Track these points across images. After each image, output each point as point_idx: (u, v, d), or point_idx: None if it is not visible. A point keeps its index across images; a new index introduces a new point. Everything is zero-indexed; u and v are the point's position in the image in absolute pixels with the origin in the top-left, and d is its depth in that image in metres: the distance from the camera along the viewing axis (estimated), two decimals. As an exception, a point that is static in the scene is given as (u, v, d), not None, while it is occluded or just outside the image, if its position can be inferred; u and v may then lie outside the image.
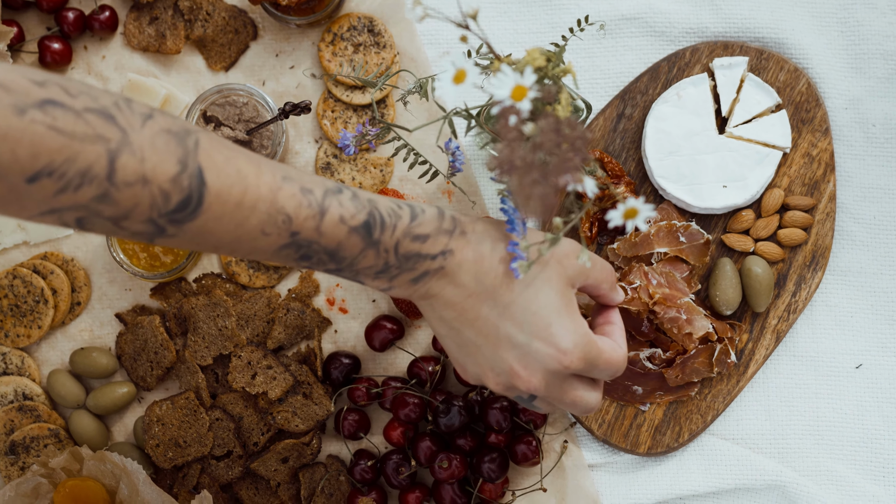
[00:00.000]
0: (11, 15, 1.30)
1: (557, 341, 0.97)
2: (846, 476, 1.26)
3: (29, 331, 1.27)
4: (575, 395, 1.01)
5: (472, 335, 0.99)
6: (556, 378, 0.99)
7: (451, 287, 0.98)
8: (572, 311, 0.99)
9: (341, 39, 1.28)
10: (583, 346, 0.98)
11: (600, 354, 1.00)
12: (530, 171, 0.86)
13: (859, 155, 1.27)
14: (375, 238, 0.95)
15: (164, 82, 1.30)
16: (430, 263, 0.97)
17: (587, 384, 1.02)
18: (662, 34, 1.28)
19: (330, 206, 0.93)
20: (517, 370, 0.98)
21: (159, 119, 0.87)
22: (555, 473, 1.27)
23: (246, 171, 0.90)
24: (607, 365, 1.01)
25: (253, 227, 0.90)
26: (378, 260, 0.96)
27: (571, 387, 1.01)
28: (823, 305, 1.28)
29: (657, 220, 1.24)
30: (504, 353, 0.98)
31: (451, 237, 0.98)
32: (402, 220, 0.96)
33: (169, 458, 1.25)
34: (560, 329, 0.97)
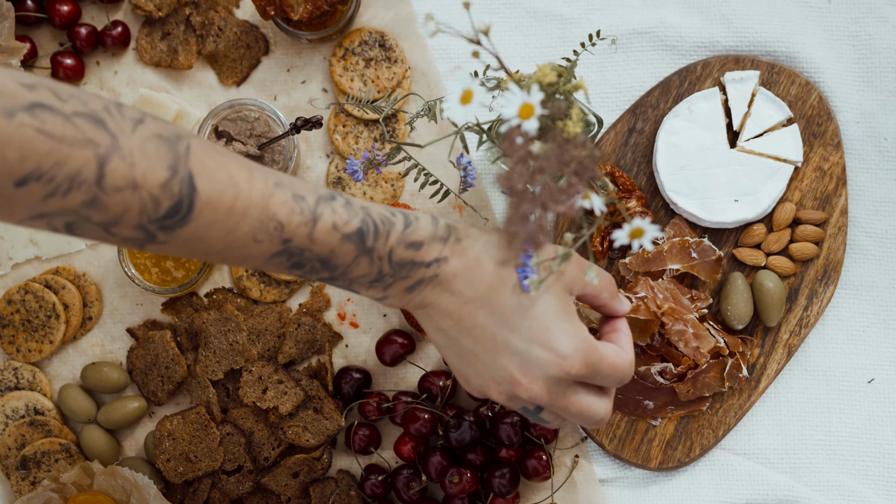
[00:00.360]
0: (24, 31, 1.31)
1: (556, 346, 0.95)
2: (858, 491, 1.25)
3: (40, 345, 1.28)
4: (581, 405, 0.99)
5: (471, 344, 0.98)
6: (558, 385, 0.97)
7: (446, 295, 0.97)
8: (571, 316, 0.97)
9: (353, 54, 1.29)
10: (583, 350, 0.96)
11: (603, 359, 0.97)
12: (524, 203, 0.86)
13: (871, 169, 1.26)
14: (369, 246, 0.94)
15: (175, 97, 1.30)
16: (425, 271, 0.96)
17: (594, 393, 1.00)
18: (673, 48, 1.28)
19: (323, 213, 0.92)
20: (518, 377, 0.96)
21: (150, 124, 0.86)
22: (566, 488, 1.27)
23: (238, 177, 0.89)
24: (611, 369, 0.98)
25: (244, 233, 0.90)
26: (371, 268, 0.95)
27: (576, 395, 0.98)
28: (835, 320, 1.27)
29: (670, 236, 1.24)
30: (503, 360, 0.96)
31: (445, 244, 0.96)
32: (395, 228, 0.95)
33: (180, 472, 1.25)
34: (559, 333, 0.96)
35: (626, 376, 1.00)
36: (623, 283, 1.25)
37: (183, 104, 1.29)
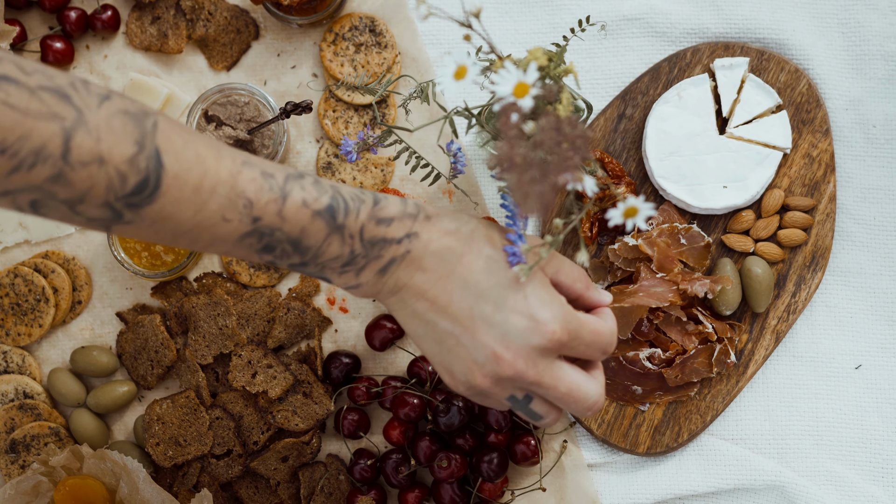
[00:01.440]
0: (14, 14, 1.30)
1: (534, 312, 0.94)
2: (845, 476, 1.26)
3: (30, 329, 1.28)
4: (570, 382, 0.97)
5: (449, 325, 0.96)
6: (542, 357, 0.95)
7: (419, 273, 0.96)
8: (547, 286, 0.97)
9: (343, 39, 1.28)
10: (562, 315, 0.95)
11: (584, 324, 0.96)
12: (529, 169, 0.86)
13: (860, 156, 1.27)
14: (339, 222, 0.93)
15: (165, 82, 1.30)
16: (397, 248, 0.95)
17: (582, 372, 0.99)
18: (663, 35, 1.28)
19: (292, 190, 0.92)
20: (500, 353, 0.94)
21: (116, 100, 0.85)
22: (554, 473, 1.27)
23: (205, 155, 0.88)
24: (593, 335, 0.97)
25: (213, 212, 0.89)
26: (343, 248, 0.94)
27: (563, 371, 0.97)
28: (823, 306, 1.28)
29: (660, 222, 1.25)
30: (483, 337, 0.95)
31: (415, 221, 0.96)
32: (365, 204, 0.94)
33: (169, 456, 1.25)
34: (536, 301, 0.95)
35: (610, 344, 0.99)
36: (612, 269, 1.25)
37: (173, 88, 1.29)
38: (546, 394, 0.98)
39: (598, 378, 1.00)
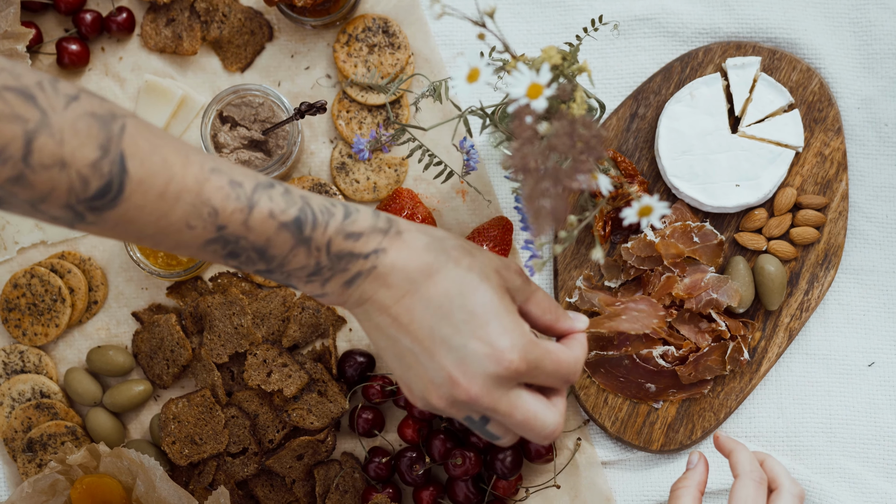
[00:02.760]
0: (30, 17, 1.31)
1: (494, 340, 0.92)
2: (859, 473, 1.26)
3: (46, 329, 1.28)
4: (527, 411, 0.95)
5: (409, 342, 0.94)
6: (499, 386, 0.93)
7: (384, 289, 0.94)
8: (511, 312, 0.94)
9: (356, 40, 1.29)
10: (523, 345, 0.93)
11: (546, 354, 0.94)
12: (541, 180, 0.86)
13: (872, 154, 1.27)
14: (306, 235, 0.91)
15: (180, 83, 1.31)
16: (363, 263, 0.93)
17: (541, 400, 0.96)
18: (675, 35, 1.28)
19: (259, 201, 0.90)
20: (456, 377, 0.92)
21: (85, 101, 0.84)
22: (568, 471, 1.27)
23: (172, 161, 0.87)
24: (555, 365, 0.95)
25: (177, 218, 0.88)
26: (309, 259, 0.93)
27: (520, 399, 0.95)
28: (836, 304, 1.28)
29: (672, 220, 1.25)
30: (441, 359, 0.93)
31: (385, 236, 0.94)
32: (334, 218, 0.93)
33: (185, 455, 1.26)
34: (497, 328, 0.92)
35: (572, 374, 0.97)
36: (625, 267, 1.25)
37: (187, 90, 1.30)
38: (502, 420, 0.96)
39: (557, 406, 0.98)
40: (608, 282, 1.26)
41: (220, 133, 1.24)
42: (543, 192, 0.86)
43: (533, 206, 0.86)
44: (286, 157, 1.23)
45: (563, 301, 1.27)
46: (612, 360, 1.25)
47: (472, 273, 0.94)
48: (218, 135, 1.24)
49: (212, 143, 1.23)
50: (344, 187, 1.29)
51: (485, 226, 1.26)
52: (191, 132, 1.31)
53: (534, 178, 0.86)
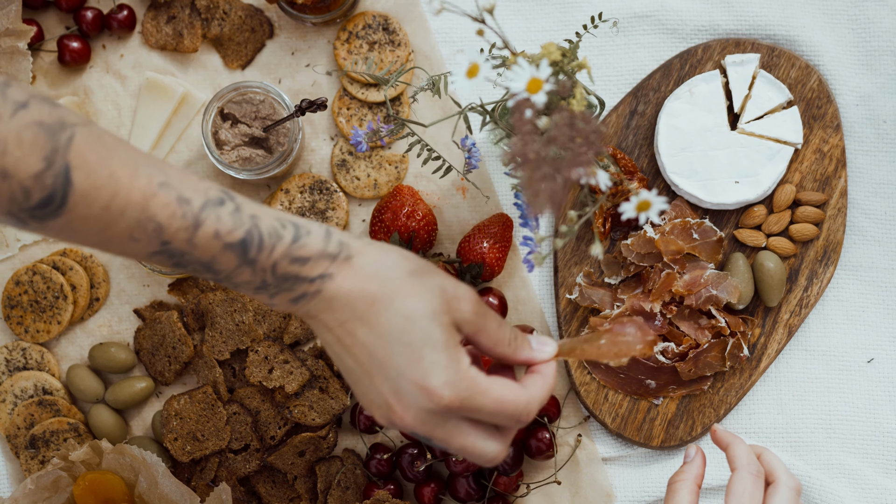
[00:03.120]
0: (31, 14, 1.32)
1: (426, 376, 0.90)
2: (858, 469, 1.27)
3: (48, 326, 1.29)
4: (465, 442, 0.93)
5: (351, 362, 0.94)
6: (434, 417, 0.92)
7: (328, 312, 0.93)
8: (451, 347, 0.91)
9: (356, 38, 1.30)
10: (456, 383, 0.90)
11: (483, 394, 0.92)
12: (541, 166, 0.87)
13: (870, 151, 1.28)
14: (251, 257, 0.90)
15: (181, 80, 1.31)
16: (308, 286, 0.92)
17: (483, 430, 0.94)
18: (675, 32, 1.29)
19: (206, 220, 0.89)
20: (392, 404, 0.92)
21: (34, 109, 0.83)
22: (569, 467, 1.28)
23: (119, 174, 0.86)
24: (496, 405, 0.92)
25: (121, 231, 0.87)
26: (255, 277, 0.91)
27: (458, 429, 0.93)
28: (835, 300, 1.29)
29: (672, 217, 1.25)
30: (379, 384, 0.92)
31: (333, 262, 0.92)
32: (282, 241, 0.91)
33: (187, 451, 1.26)
34: (431, 364, 0.90)
35: (519, 415, 0.94)
36: (625, 264, 1.26)
37: (188, 87, 1.31)
38: (438, 444, 0.95)
39: (502, 437, 0.96)
40: (608, 278, 1.27)
41: (221, 130, 1.24)
42: (543, 177, 0.86)
43: (531, 188, 0.86)
44: (287, 155, 1.23)
45: (563, 298, 1.27)
46: (612, 356, 1.26)
47: (415, 305, 0.91)
48: (219, 132, 1.24)
49: (213, 141, 1.24)
50: (344, 184, 1.30)
51: (485, 222, 1.26)
52: (192, 129, 1.31)
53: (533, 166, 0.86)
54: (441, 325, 0.92)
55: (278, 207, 1.29)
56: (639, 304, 1.24)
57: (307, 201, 1.29)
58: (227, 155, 1.24)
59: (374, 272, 0.93)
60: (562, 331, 1.27)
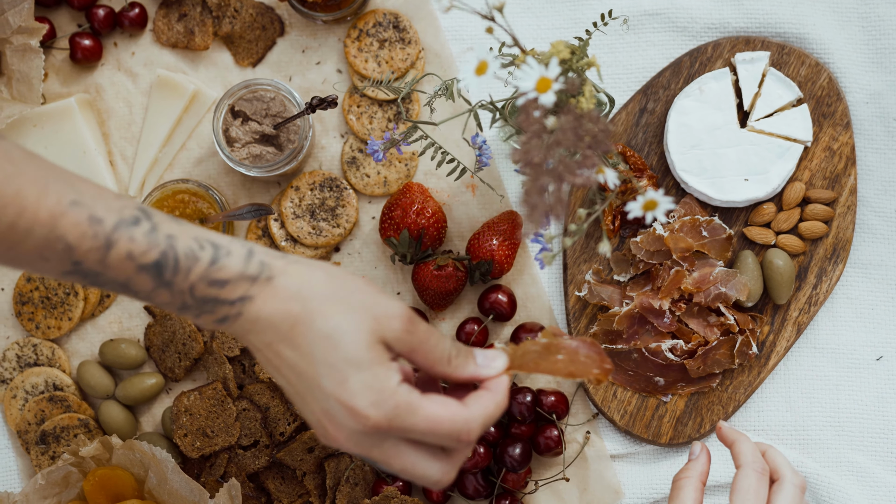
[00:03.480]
0: (43, 12, 1.32)
1: (352, 397, 0.87)
2: (866, 467, 1.27)
3: (59, 322, 1.29)
4: (404, 463, 0.90)
5: (284, 383, 0.92)
6: (368, 438, 0.89)
7: (253, 335, 0.90)
8: (377, 364, 0.88)
9: (367, 35, 1.30)
10: (382, 403, 0.87)
11: (415, 413, 0.88)
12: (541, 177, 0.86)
13: (880, 149, 1.28)
14: (167, 279, 0.87)
15: (192, 78, 1.32)
16: (229, 309, 0.89)
17: (425, 452, 0.91)
18: (684, 29, 1.29)
19: (119, 240, 0.86)
20: (325, 425, 0.90)
21: None
22: (577, 464, 1.28)
23: (27, 192, 0.84)
24: (430, 425, 0.89)
25: (29, 250, 0.85)
26: (174, 299, 0.89)
27: (397, 452, 0.90)
28: (844, 298, 1.29)
29: (681, 215, 1.26)
30: (311, 404, 0.90)
31: (253, 284, 0.89)
32: (199, 263, 0.88)
33: (196, 447, 1.27)
34: (357, 385, 0.87)
35: (458, 434, 0.90)
36: (634, 261, 1.26)
37: (199, 85, 1.31)
38: (379, 466, 0.93)
39: (445, 462, 0.92)
40: (617, 276, 1.27)
41: (232, 127, 1.25)
42: (541, 189, 0.86)
43: (530, 201, 0.86)
44: (297, 152, 1.24)
45: (572, 295, 1.27)
46: (622, 353, 1.26)
47: (337, 324, 0.89)
48: (230, 129, 1.25)
49: (223, 138, 1.24)
50: (354, 182, 1.30)
51: (494, 220, 1.27)
52: (203, 127, 1.31)
53: (535, 174, 0.86)
54: (366, 344, 0.88)
55: (288, 204, 1.29)
56: (648, 301, 1.24)
57: (317, 198, 1.29)
58: (238, 152, 1.25)
59: (295, 292, 0.89)
60: (570, 328, 1.28)
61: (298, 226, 1.29)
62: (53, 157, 1.29)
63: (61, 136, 1.29)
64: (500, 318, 1.28)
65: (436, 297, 1.27)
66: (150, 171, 1.32)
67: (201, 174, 1.32)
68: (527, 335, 1.27)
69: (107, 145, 1.32)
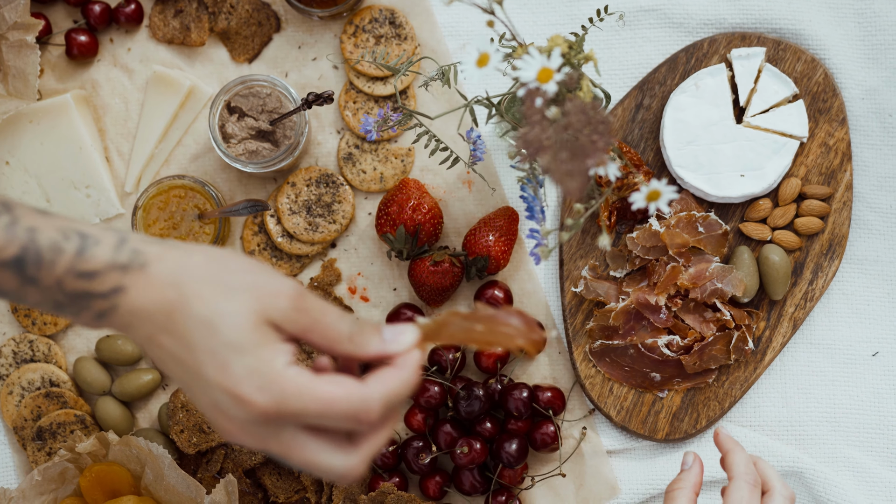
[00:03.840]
0: (39, 8, 1.32)
1: (236, 384, 0.81)
2: (862, 462, 1.27)
3: (55, 318, 1.29)
4: (305, 455, 0.84)
5: (171, 375, 0.86)
6: (262, 429, 0.83)
7: (132, 329, 0.85)
8: (260, 346, 0.82)
9: (363, 31, 1.30)
10: (268, 387, 0.81)
11: (306, 394, 0.81)
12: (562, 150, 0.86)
13: (876, 145, 1.28)
14: (30, 275, 0.82)
15: (188, 74, 1.32)
16: (103, 303, 0.83)
17: (328, 441, 0.84)
18: (680, 25, 1.29)
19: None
20: (216, 418, 0.84)
21: None
22: (574, 459, 1.28)
23: None
24: (323, 406, 0.82)
25: None
26: (45, 297, 0.83)
27: (297, 442, 0.84)
28: (840, 293, 1.29)
29: (677, 210, 1.26)
30: (200, 398, 0.84)
31: (125, 273, 0.83)
32: (64, 255, 0.82)
33: (193, 443, 1.27)
34: (240, 370, 0.81)
35: (356, 414, 0.83)
36: (630, 257, 1.26)
37: (195, 81, 1.31)
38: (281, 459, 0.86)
39: (352, 452, 0.85)
40: (613, 271, 1.27)
41: (228, 123, 1.25)
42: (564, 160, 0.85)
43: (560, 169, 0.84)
44: (293, 148, 1.24)
45: (568, 291, 1.28)
46: (618, 349, 1.26)
47: (216, 307, 0.83)
48: (226, 125, 1.25)
49: (220, 134, 1.24)
50: (351, 177, 1.30)
51: (491, 215, 1.27)
52: (199, 123, 1.31)
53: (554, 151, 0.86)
54: (249, 326, 0.82)
55: (284, 200, 1.29)
56: (644, 297, 1.24)
57: (313, 194, 1.29)
58: (234, 148, 1.25)
59: (171, 279, 0.84)
60: (567, 324, 1.28)
61: (295, 222, 1.29)
62: (49, 153, 1.29)
63: (57, 133, 1.29)
64: (497, 313, 1.28)
65: (432, 293, 1.27)
66: (146, 167, 1.32)
67: (197, 170, 1.31)
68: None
69: (103, 141, 1.32)
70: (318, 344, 0.85)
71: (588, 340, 1.27)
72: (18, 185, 1.29)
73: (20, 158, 1.29)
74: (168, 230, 1.26)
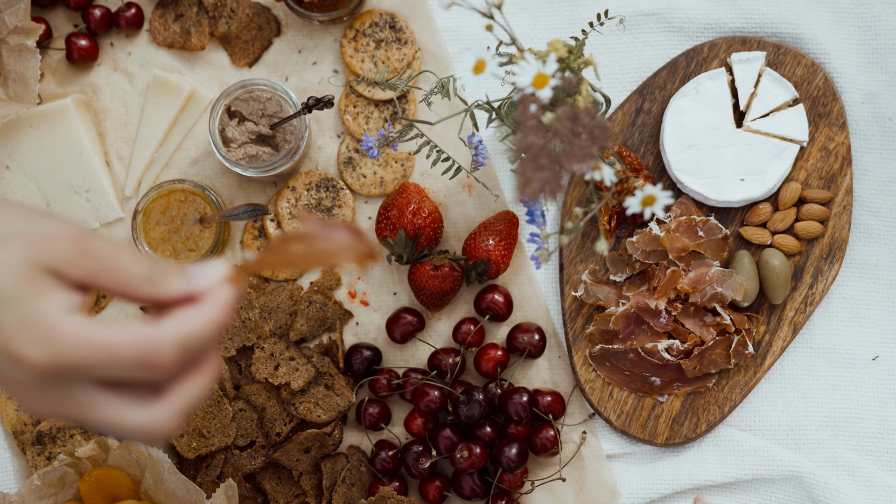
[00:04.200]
0: (39, 12, 1.32)
1: (8, 342, 0.73)
2: (862, 467, 1.27)
3: (55, 322, 1.29)
4: (104, 414, 0.75)
5: None
6: (49, 389, 0.74)
7: None
8: (35, 297, 0.73)
9: (363, 35, 1.30)
10: (45, 340, 0.72)
11: (87, 343, 0.73)
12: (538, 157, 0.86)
13: (876, 149, 1.28)
14: None
15: (188, 78, 1.32)
16: None
17: (127, 396, 0.75)
18: (680, 30, 1.29)
19: None
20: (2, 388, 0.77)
21: None
22: (573, 464, 1.28)
23: None
24: (107, 354, 0.73)
25: None
26: None
27: (93, 401, 0.75)
28: (840, 298, 1.29)
29: (677, 214, 1.26)
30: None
31: None
32: None
33: (193, 448, 1.27)
34: (11, 325, 0.73)
35: (143, 358, 0.73)
36: (630, 261, 1.26)
37: (196, 85, 1.31)
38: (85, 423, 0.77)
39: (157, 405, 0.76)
40: (613, 276, 1.27)
41: (228, 128, 1.25)
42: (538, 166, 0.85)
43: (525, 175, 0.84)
44: (293, 152, 1.24)
45: (568, 295, 1.27)
46: (618, 353, 1.26)
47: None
48: (226, 129, 1.25)
49: (220, 138, 1.24)
50: (351, 182, 1.30)
51: (491, 220, 1.27)
52: (199, 127, 1.31)
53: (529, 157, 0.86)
54: (19, 275, 0.73)
55: (284, 204, 1.29)
56: (644, 301, 1.24)
57: (313, 199, 1.29)
58: (234, 152, 1.25)
59: None
60: (567, 328, 1.28)
61: (295, 226, 1.29)
62: (49, 157, 1.29)
63: (57, 137, 1.29)
64: (497, 318, 1.28)
65: (432, 297, 1.27)
66: (146, 171, 1.32)
67: (197, 174, 1.31)
68: (522, 335, 1.27)
69: (103, 145, 1.32)
70: (112, 288, 0.76)
71: (588, 345, 1.27)
72: (18, 189, 1.30)
73: (20, 162, 1.29)
74: (168, 234, 1.26)
